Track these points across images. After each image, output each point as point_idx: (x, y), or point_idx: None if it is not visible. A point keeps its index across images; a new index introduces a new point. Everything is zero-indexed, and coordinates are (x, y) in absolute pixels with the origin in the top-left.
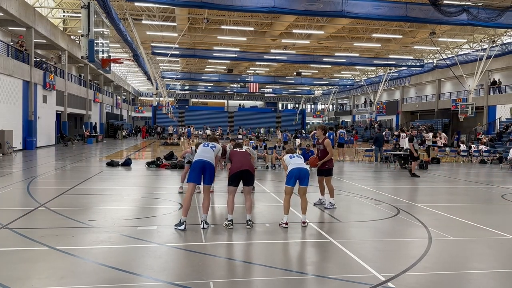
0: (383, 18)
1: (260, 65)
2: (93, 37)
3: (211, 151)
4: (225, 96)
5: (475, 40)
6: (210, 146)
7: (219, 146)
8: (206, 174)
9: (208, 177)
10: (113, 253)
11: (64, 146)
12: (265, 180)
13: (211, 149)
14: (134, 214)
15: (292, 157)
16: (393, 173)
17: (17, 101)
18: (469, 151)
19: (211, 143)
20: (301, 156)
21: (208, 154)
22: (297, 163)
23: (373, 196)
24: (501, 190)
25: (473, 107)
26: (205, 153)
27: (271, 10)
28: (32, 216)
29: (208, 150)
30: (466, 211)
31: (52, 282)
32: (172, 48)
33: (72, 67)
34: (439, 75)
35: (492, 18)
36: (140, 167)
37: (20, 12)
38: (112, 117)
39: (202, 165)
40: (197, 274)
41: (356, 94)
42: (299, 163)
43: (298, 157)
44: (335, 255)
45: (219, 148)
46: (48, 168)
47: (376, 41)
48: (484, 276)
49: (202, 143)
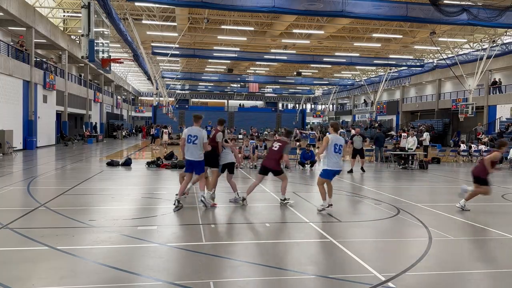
0: (383, 18)
1: (260, 65)
2: (93, 37)
3: (195, 147)
4: (225, 96)
5: (475, 40)
6: (192, 141)
7: (201, 133)
8: (195, 169)
9: (197, 170)
10: (113, 253)
11: (64, 146)
12: (265, 180)
13: (193, 145)
14: (134, 214)
15: (336, 150)
16: (393, 173)
17: (17, 101)
18: (469, 151)
19: (193, 137)
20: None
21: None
22: (337, 163)
23: (373, 196)
24: (501, 190)
25: (473, 107)
26: (190, 152)
27: (271, 10)
28: (32, 216)
29: (191, 147)
30: (466, 211)
31: (52, 282)
32: (172, 48)
33: (72, 67)
34: (439, 75)
35: (492, 18)
36: (140, 167)
37: (20, 12)
38: (112, 117)
39: (189, 164)
40: (197, 274)
41: (356, 94)
42: (338, 164)
43: (340, 153)
44: (335, 255)
45: (203, 136)
46: (48, 168)
47: (376, 41)
48: (484, 276)
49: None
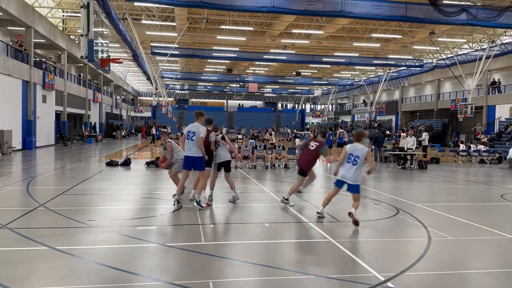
0: (383, 18)
1: (260, 65)
2: (92, 37)
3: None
4: (225, 96)
5: (475, 40)
6: (190, 137)
7: (199, 129)
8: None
9: (196, 167)
10: (113, 253)
11: (64, 146)
12: (265, 180)
13: (191, 141)
14: (134, 214)
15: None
16: (393, 173)
17: (16, 101)
18: (469, 151)
19: (191, 133)
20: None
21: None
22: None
23: (373, 196)
24: (500, 190)
25: (472, 107)
26: (188, 147)
27: (270, 10)
28: (32, 216)
29: (189, 143)
30: (465, 211)
31: (52, 282)
32: (171, 48)
33: (71, 67)
34: (438, 75)
35: (491, 18)
36: (139, 167)
37: (20, 12)
38: (111, 117)
39: (186, 160)
40: (197, 274)
41: (356, 94)
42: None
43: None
44: (334, 255)
45: (199, 131)
46: (48, 168)
47: (375, 41)
48: (483, 275)
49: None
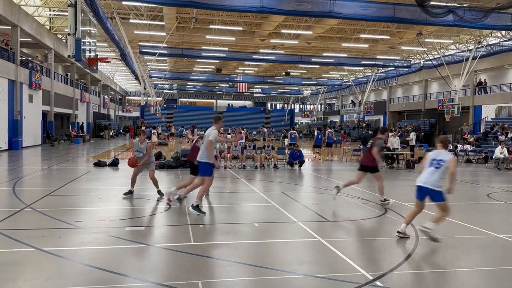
0: (371, 19)
1: (249, 65)
2: (80, 36)
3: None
4: (214, 96)
5: (461, 41)
6: (203, 141)
7: (210, 132)
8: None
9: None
10: (100, 254)
11: (51, 146)
12: (254, 180)
13: (202, 145)
14: (122, 215)
15: (431, 164)
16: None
17: (2, 101)
18: (455, 151)
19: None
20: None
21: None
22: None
23: (361, 195)
24: (486, 189)
25: (459, 107)
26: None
27: (260, 10)
28: (18, 217)
29: (201, 147)
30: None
31: (38, 284)
32: (160, 48)
33: (58, 66)
34: (425, 76)
35: (477, 19)
36: (127, 167)
37: (6, 10)
38: (99, 116)
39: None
40: (186, 275)
41: (344, 94)
42: (420, 179)
43: (437, 167)
44: (323, 254)
45: (208, 134)
46: (34, 168)
47: (363, 41)
48: (470, 274)
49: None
